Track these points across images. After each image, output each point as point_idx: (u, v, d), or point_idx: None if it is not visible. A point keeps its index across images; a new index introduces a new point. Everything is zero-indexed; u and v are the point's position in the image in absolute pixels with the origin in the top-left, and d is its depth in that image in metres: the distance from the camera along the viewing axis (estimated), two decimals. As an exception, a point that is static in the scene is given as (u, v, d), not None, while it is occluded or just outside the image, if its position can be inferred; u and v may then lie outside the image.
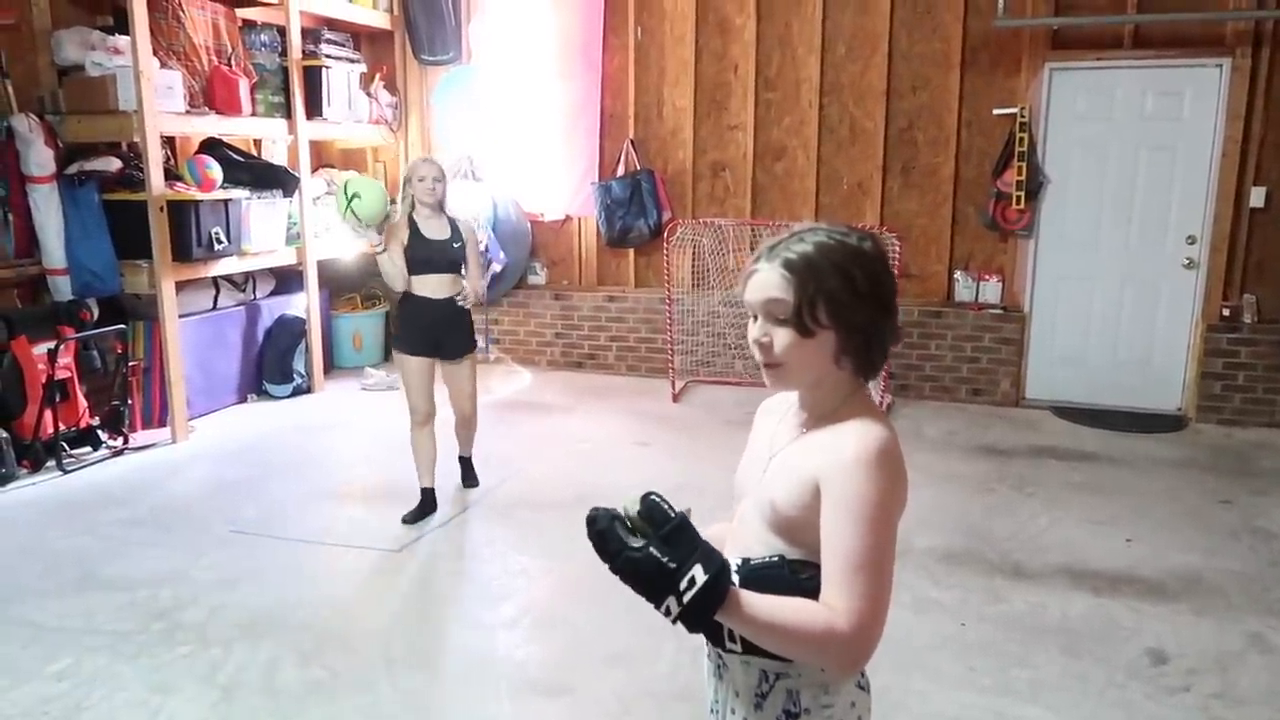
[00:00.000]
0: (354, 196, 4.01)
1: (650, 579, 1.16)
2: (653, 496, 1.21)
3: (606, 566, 1.19)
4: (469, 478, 4.58)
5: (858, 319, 1.31)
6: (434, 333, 4.10)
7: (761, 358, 1.35)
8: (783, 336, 1.32)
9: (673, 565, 1.16)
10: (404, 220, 4.07)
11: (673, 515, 1.20)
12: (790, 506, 1.31)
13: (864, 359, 1.34)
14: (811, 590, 1.27)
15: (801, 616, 1.21)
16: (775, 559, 1.33)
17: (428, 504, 4.24)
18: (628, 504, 1.21)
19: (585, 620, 3.31)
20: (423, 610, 3.49)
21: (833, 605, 1.21)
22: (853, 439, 1.28)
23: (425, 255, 4.03)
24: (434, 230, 4.05)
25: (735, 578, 1.28)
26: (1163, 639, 3.20)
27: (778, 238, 1.37)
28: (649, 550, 1.17)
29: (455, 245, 4.10)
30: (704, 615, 1.18)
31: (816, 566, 1.28)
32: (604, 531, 1.19)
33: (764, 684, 1.37)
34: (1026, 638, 3.21)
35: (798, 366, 1.33)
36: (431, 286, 4.07)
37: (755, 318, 1.36)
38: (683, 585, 1.16)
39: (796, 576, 1.30)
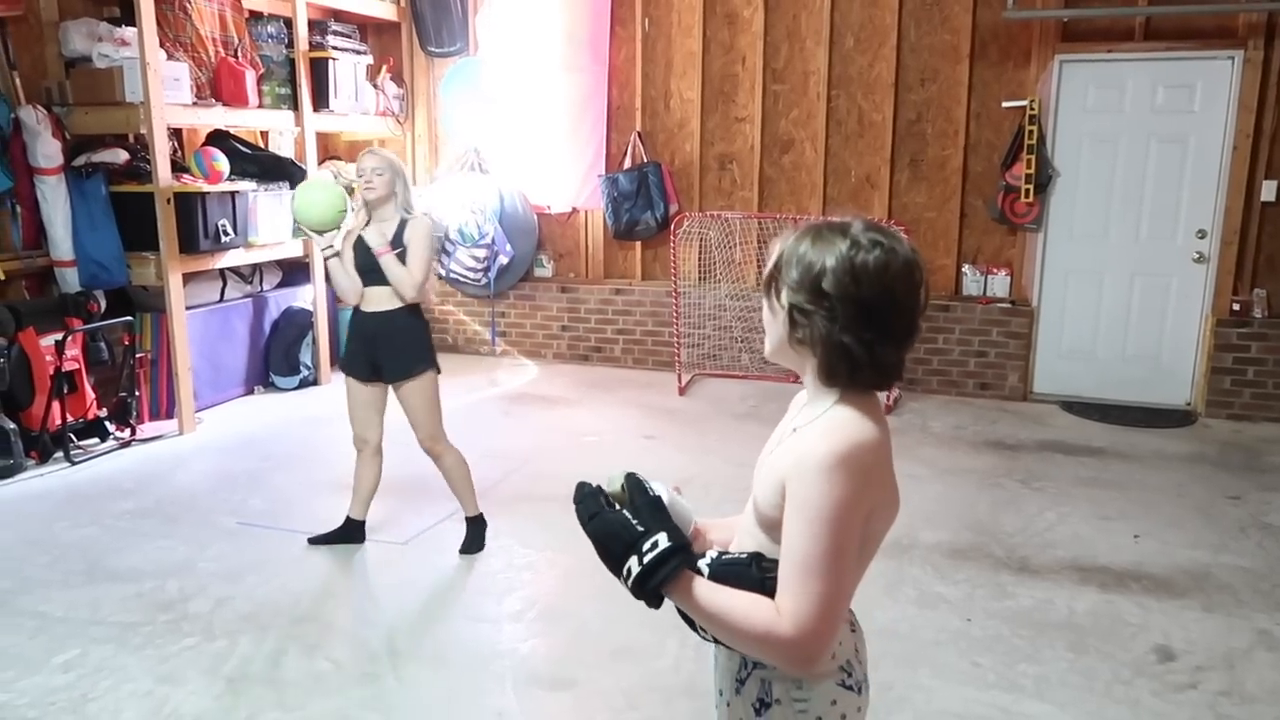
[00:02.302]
0: (293, 196, 3.65)
1: (617, 536, 1.26)
2: (635, 475, 1.33)
3: (583, 527, 1.30)
4: (472, 541, 3.83)
5: (806, 308, 1.28)
6: (370, 351, 3.60)
7: None
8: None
9: (641, 529, 1.26)
10: (359, 222, 3.65)
11: (650, 493, 1.31)
12: (768, 505, 1.32)
13: (824, 364, 1.30)
14: (773, 589, 1.26)
15: (746, 613, 1.24)
16: (744, 556, 1.34)
17: (348, 533, 3.83)
18: (611, 480, 1.34)
19: (591, 614, 3.30)
20: (427, 603, 3.49)
21: (780, 607, 1.22)
22: (820, 441, 1.25)
23: (363, 262, 3.56)
24: (377, 233, 3.57)
25: (705, 570, 1.32)
26: (1170, 635, 3.19)
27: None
28: (621, 512, 1.29)
29: (395, 251, 3.53)
30: (657, 578, 1.24)
31: None
32: (588, 495, 1.32)
33: (743, 670, 1.39)
34: (1033, 633, 3.20)
35: (767, 330, 1.39)
36: (371, 298, 3.58)
37: None
38: (645, 546, 1.25)
39: (763, 575, 1.30)
